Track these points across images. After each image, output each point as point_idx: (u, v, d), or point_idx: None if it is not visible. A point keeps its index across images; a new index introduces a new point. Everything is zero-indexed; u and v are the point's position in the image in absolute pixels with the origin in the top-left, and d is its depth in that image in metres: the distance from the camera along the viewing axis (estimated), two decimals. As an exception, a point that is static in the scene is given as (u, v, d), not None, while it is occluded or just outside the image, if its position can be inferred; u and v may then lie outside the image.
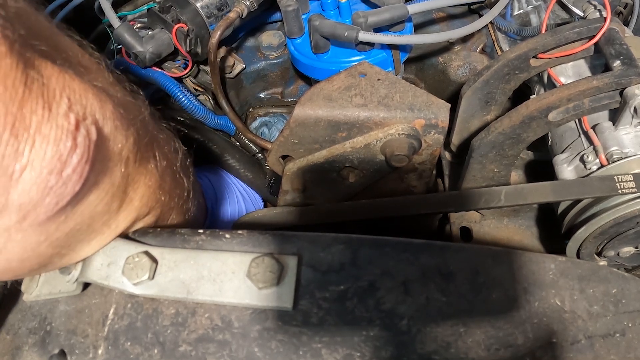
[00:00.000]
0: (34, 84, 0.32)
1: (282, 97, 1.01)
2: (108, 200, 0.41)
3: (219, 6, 0.85)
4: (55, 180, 0.33)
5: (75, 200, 0.37)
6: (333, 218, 0.62)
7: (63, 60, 0.36)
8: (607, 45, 0.63)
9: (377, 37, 0.74)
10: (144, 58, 0.80)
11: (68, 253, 0.42)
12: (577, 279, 0.45)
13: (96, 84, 0.38)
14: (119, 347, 0.42)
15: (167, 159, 0.50)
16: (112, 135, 0.39)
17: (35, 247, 0.37)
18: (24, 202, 0.33)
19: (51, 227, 0.37)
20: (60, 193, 0.34)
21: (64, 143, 0.33)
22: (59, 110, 0.33)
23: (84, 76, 0.37)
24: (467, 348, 0.41)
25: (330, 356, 0.40)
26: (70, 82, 0.35)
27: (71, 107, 0.34)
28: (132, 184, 0.44)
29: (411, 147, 0.63)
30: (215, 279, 0.43)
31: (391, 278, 0.43)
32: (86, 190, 0.38)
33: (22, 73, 0.31)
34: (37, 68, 0.32)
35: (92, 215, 0.40)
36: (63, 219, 0.37)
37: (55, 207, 0.35)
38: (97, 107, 0.37)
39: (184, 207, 0.56)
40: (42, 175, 0.32)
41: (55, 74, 0.34)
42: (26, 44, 0.32)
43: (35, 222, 0.35)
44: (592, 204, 0.62)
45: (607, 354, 0.43)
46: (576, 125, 0.68)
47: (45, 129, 0.32)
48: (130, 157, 0.42)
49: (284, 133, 0.66)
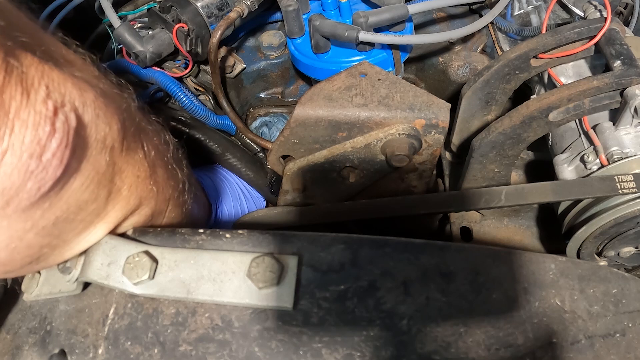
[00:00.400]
0: (14, 72, 0.33)
1: (282, 97, 1.01)
2: (94, 188, 0.42)
3: (220, 6, 0.85)
4: (35, 164, 0.34)
5: (58, 186, 0.38)
6: (333, 218, 0.62)
7: (43, 52, 0.38)
8: (608, 46, 0.63)
9: (378, 37, 0.74)
10: (145, 58, 0.80)
11: (59, 245, 0.43)
12: (577, 279, 0.45)
13: (77, 75, 0.40)
14: (119, 346, 0.42)
15: (156, 150, 0.50)
16: (94, 123, 0.40)
17: (22, 235, 0.38)
18: (6, 187, 0.34)
19: (36, 214, 0.38)
20: (42, 178, 0.35)
21: (42, 128, 0.34)
22: (37, 97, 0.34)
23: (64, 67, 0.39)
24: (467, 348, 0.41)
25: (330, 356, 0.40)
26: (49, 71, 0.36)
27: (49, 95, 0.35)
28: (119, 173, 0.44)
29: (411, 147, 0.63)
30: (216, 279, 0.43)
31: (391, 278, 0.43)
32: (68, 177, 0.38)
33: (2, 61, 0.32)
34: (17, 57, 0.33)
35: (78, 204, 0.41)
36: (47, 206, 0.38)
37: (38, 192, 0.36)
38: (77, 95, 0.38)
39: (180, 199, 0.56)
40: (22, 159, 0.33)
41: (35, 64, 0.35)
42: (6, 34, 0.34)
43: (19, 207, 0.36)
44: (592, 204, 0.62)
45: (607, 354, 0.43)
46: (576, 125, 0.68)
47: (24, 115, 0.33)
48: (116, 146, 0.43)
49: (285, 133, 0.66)
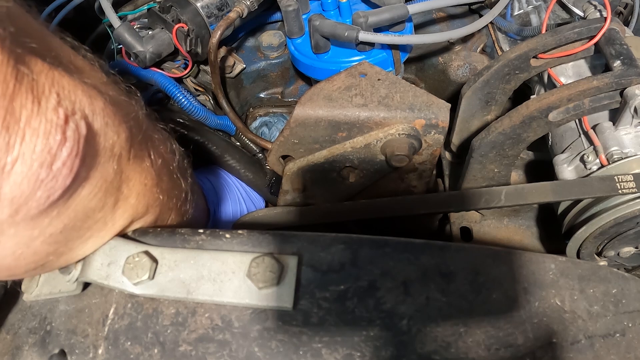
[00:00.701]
0: (24, 79, 0.32)
1: (282, 97, 1.01)
2: (101, 197, 0.41)
3: (219, 6, 0.85)
4: (45, 173, 0.34)
5: (67, 195, 0.37)
6: (333, 218, 0.62)
7: (53, 58, 0.37)
8: (607, 45, 0.63)
9: (378, 37, 0.74)
10: (144, 58, 0.80)
11: (65, 252, 0.42)
12: (577, 279, 0.45)
13: (87, 82, 0.39)
14: (119, 346, 0.42)
15: (163, 158, 0.50)
16: (103, 131, 0.39)
17: (29, 242, 0.38)
18: (16, 196, 0.33)
19: (44, 222, 0.37)
20: (52, 186, 0.35)
21: (53, 136, 0.34)
22: (47, 104, 0.34)
23: (74, 74, 0.38)
24: (467, 348, 0.41)
25: (330, 356, 0.40)
26: (59, 78, 0.36)
27: (60, 102, 0.35)
28: (126, 181, 0.44)
29: (411, 147, 0.63)
30: (215, 279, 0.43)
31: (391, 278, 0.43)
32: (77, 185, 0.38)
33: (12, 68, 0.31)
34: (27, 64, 0.33)
35: (86, 212, 0.41)
36: (56, 214, 0.38)
37: (47, 201, 0.35)
38: (87, 103, 0.38)
39: (182, 209, 0.56)
40: (32, 168, 0.33)
41: (45, 71, 0.35)
42: (17, 41, 0.33)
43: (28, 216, 0.35)
44: (592, 204, 0.62)
45: (607, 354, 0.43)
46: (576, 125, 0.68)
47: (35, 123, 0.33)
48: (123, 154, 0.43)
49: (284, 133, 0.66)
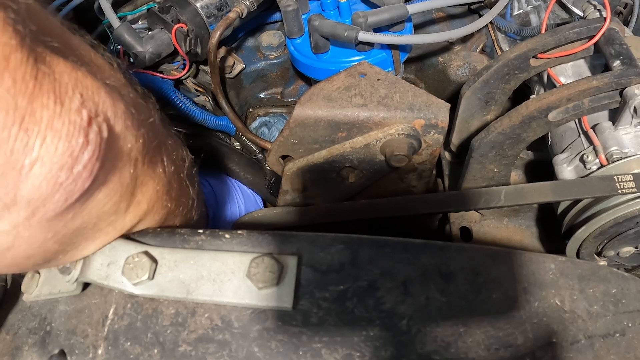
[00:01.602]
0: (45, 79, 0.31)
1: (282, 97, 1.01)
2: (116, 201, 0.41)
3: (219, 6, 0.85)
4: (65, 177, 0.33)
5: (84, 198, 0.37)
6: (333, 218, 0.62)
7: (75, 57, 0.36)
8: (607, 45, 0.63)
9: (377, 37, 0.74)
10: (144, 58, 0.80)
11: (72, 250, 0.42)
12: (577, 279, 0.45)
13: (108, 83, 0.38)
14: (118, 347, 0.42)
15: (175, 165, 0.50)
16: (123, 135, 0.39)
17: (42, 243, 0.37)
18: (34, 198, 0.33)
19: (59, 224, 0.37)
20: (70, 190, 0.34)
21: (76, 139, 0.33)
22: (71, 105, 0.33)
23: (96, 74, 0.37)
24: (467, 348, 0.41)
25: (330, 356, 0.40)
26: (82, 78, 0.35)
27: (84, 104, 0.34)
28: (140, 186, 0.44)
29: (411, 147, 0.63)
30: (215, 279, 0.43)
31: (391, 278, 0.43)
32: (95, 189, 0.37)
33: (32, 67, 0.30)
34: (49, 63, 0.32)
35: (99, 215, 0.40)
36: (71, 217, 0.37)
37: (64, 204, 0.35)
38: (109, 105, 0.37)
39: (188, 216, 0.55)
40: (52, 170, 0.32)
41: (68, 70, 0.34)
42: (37, 39, 0.32)
43: (44, 218, 0.35)
44: (592, 204, 0.62)
45: (607, 354, 0.43)
46: (576, 125, 0.68)
47: (58, 124, 0.32)
48: (139, 159, 0.42)
49: (284, 133, 0.66)
